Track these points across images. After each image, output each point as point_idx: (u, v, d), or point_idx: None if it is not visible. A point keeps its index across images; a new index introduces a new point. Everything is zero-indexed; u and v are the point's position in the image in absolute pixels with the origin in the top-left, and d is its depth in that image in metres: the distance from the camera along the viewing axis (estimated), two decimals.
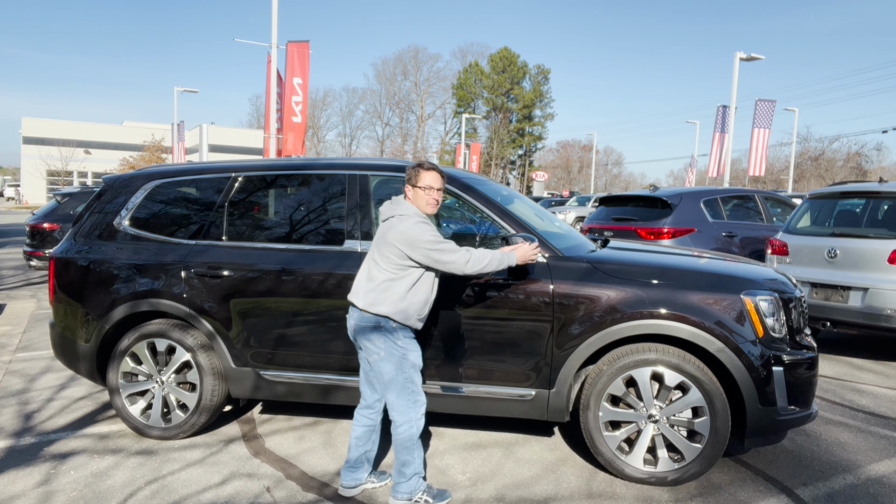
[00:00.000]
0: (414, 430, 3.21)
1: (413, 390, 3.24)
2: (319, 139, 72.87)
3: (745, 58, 21.06)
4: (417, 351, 3.28)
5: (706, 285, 3.56)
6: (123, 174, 4.56)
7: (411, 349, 3.25)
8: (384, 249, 3.18)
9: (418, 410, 3.24)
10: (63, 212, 10.89)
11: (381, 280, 3.18)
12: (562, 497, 3.42)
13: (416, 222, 3.16)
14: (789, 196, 14.43)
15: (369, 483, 3.48)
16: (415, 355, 3.26)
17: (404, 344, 3.22)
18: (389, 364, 3.19)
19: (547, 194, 41.79)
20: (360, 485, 3.43)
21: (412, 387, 3.23)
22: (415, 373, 3.25)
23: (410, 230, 3.13)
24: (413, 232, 3.12)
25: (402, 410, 3.21)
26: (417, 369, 3.26)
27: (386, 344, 3.19)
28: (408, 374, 3.22)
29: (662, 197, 8.29)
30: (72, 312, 4.27)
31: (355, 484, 3.40)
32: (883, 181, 6.77)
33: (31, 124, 53.96)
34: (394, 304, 3.17)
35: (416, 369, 3.26)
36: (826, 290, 6.40)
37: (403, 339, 3.22)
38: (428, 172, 3.27)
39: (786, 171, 47.69)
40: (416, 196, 3.27)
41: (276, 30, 16.38)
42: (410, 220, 3.16)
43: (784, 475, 3.72)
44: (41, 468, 3.70)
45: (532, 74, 72.55)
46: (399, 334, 3.21)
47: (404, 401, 3.22)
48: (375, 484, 3.49)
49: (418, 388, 3.26)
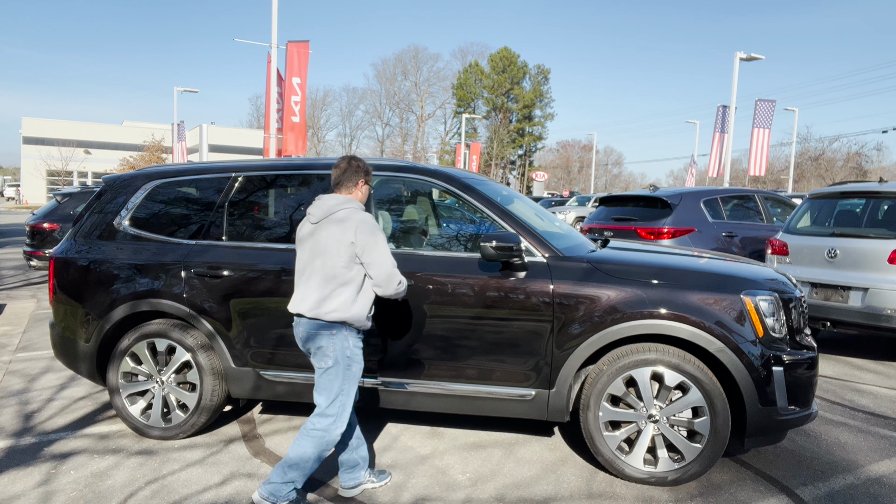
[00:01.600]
0: (326, 441, 3.12)
1: (346, 404, 3.17)
2: (319, 139, 72.88)
3: (745, 58, 21.06)
4: (361, 364, 3.24)
5: (706, 285, 3.56)
6: (123, 174, 4.56)
7: (357, 360, 3.20)
8: (341, 249, 3.08)
9: (338, 428, 3.15)
10: (63, 212, 10.89)
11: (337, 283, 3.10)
12: (562, 497, 3.42)
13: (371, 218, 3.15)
14: (789, 196, 14.43)
15: (369, 483, 3.47)
16: (358, 367, 3.21)
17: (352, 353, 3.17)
18: (336, 371, 3.13)
19: (547, 194, 41.80)
20: (360, 484, 3.42)
21: (345, 399, 3.16)
22: (353, 386, 3.18)
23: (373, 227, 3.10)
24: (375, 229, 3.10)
25: (326, 419, 3.13)
26: (356, 382, 3.20)
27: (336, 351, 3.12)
28: (346, 387, 3.16)
29: (662, 197, 8.30)
30: (72, 312, 4.27)
31: (355, 484, 3.40)
32: (883, 181, 6.77)
33: (31, 124, 53.96)
34: (347, 309, 3.10)
35: (355, 382, 3.19)
36: (826, 290, 6.40)
37: (353, 347, 3.18)
38: None
39: (786, 171, 47.69)
40: (365, 193, 3.29)
41: (276, 30, 16.39)
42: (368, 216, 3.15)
43: (784, 475, 3.72)
44: (41, 468, 3.70)
45: (532, 74, 72.56)
46: (350, 341, 3.16)
47: (333, 412, 3.14)
48: (375, 483, 3.49)
49: (349, 406, 3.18)
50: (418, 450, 4.01)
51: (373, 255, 3.08)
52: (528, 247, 3.74)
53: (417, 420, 4.49)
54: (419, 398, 3.87)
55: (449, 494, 3.44)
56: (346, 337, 3.15)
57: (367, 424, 4.43)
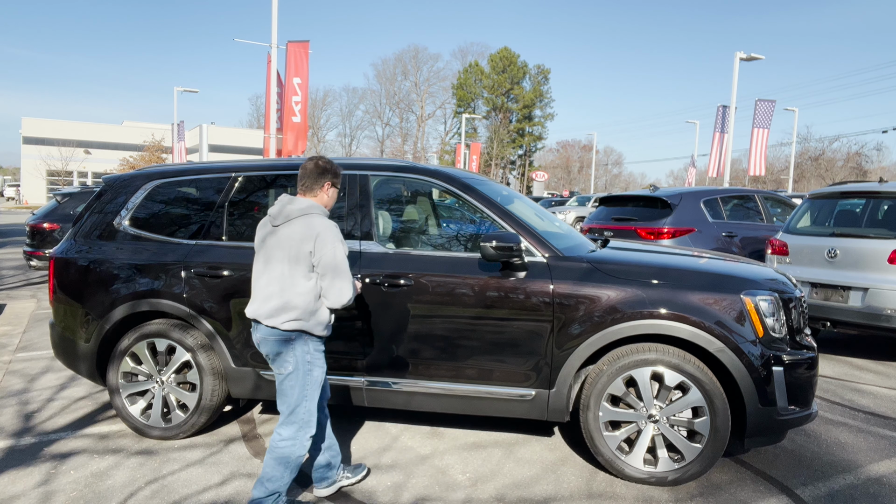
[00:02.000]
0: (296, 449, 3.04)
1: (310, 409, 3.07)
2: (319, 139, 72.88)
3: (745, 58, 21.06)
4: (323, 368, 3.14)
5: (706, 285, 3.56)
6: (123, 174, 4.56)
7: (318, 364, 3.11)
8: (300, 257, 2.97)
9: (307, 433, 3.07)
10: (63, 212, 10.89)
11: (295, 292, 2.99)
12: (562, 497, 3.42)
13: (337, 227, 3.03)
14: (789, 196, 14.43)
15: (344, 479, 3.45)
16: (319, 371, 3.11)
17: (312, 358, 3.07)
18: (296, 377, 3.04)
19: (547, 194, 41.81)
20: (334, 482, 3.40)
21: (309, 404, 3.07)
22: (315, 391, 3.09)
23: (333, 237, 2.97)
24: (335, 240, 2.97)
25: (292, 427, 3.06)
26: (318, 387, 3.11)
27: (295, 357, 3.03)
28: (308, 392, 3.06)
29: (662, 197, 8.30)
30: (72, 312, 4.27)
31: (329, 483, 3.38)
32: (883, 181, 6.77)
33: (31, 124, 53.94)
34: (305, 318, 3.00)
35: (318, 387, 3.10)
36: (826, 290, 6.40)
37: (314, 351, 3.08)
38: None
39: (786, 171, 47.70)
40: (333, 197, 3.17)
41: (276, 30, 16.39)
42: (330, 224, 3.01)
43: (784, 475, 3.72)
44: (41, 468, 3.70)
45: (532, 74, 72.57)
46: (310, 346, 3.06)
47: (297, 419, 3.06)
48: (351, 479, 3.47)
49: (313, 411, 3.09)
50: (418, 450, 4.02)
51: (327, 266, 2.95)
52: (528, 247, 3.74)
53: (417, 420, 4.49)
54: (419, 398, 3.87)
55: (449, 494, 3.44)
56: (306, 342, 3.04)
57: (367, 424, 4.43)
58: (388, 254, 3.89)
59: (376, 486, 3.51)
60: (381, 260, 3.86)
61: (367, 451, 3.99)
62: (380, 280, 3.80)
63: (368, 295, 3.82)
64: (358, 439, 4.17)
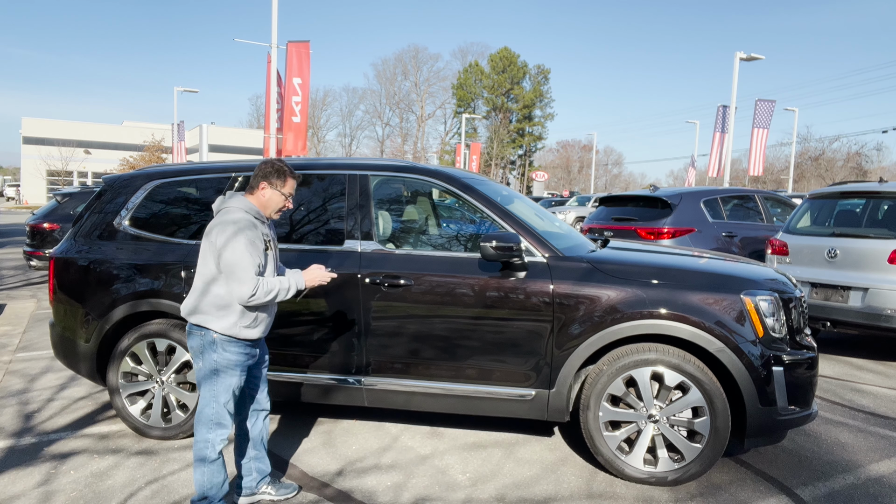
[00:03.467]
0: (211, 446, 2.97)
1: (218, 411, 2.98)
2: (319, 139, 72.89)
3: (745, 58, 21.06)
4: (240, 372, 3.03)
5: (706, 285, 3.56)
6: (123, 174, 4.56)
7: (230, 366, 2.99)
8: (210, 253, 2.94)
9: (221, 432, 2.99)
10: (63, 212, 10.89)
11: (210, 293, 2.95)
12: (562, 497, 3.42)
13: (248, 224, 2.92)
14: (789, 196, 14.43)
15: (265, 495, 3.31)
16: (232, 377, 3.00)
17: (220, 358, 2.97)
18: (206, 376, 2.99)
19: (547, 194, 41.80)
20: (253, 494, 3.29)
21: (216, 406, 2.98)
22: (224, 393, 2.99)
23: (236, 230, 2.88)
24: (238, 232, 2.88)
25: (202, 428, 2.99)
26: (230, 389, 3.00)
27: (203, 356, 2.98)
28: (216, 391, 2.97)
29: (662, 197, 8.30)
30: (72, 312, 4.27)
31: (248, 493, 3.28)
32: (883, 181, 6.77)
33: (31, 124, 53.93)
34: (216, 318, 2.94)
35: (229, 390, 3.00)
36: (826, 290, 6.40)
37: (223, 351, 2.97)
38: (295, 181, 3.11)
39: (786, 171, 47.69)
40: (272, 198, 3.05)
41: (276, 30, 16.39)
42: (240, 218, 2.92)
43: (784, 475, 3.72)
44: (41, 468, 3.70)
45: (532, 74, 72.56)
46: (219, 346, 2.96)
47: (208, 416, 2.98)
48: (273, 496, 3.32)
49: (224, 411, 2.99)
50: (418, 450, 4.02)
51: (228, 260, 2.87)
52: (528, 247, 3.74)
53: (417, 420, 4.49)
54: (419, 398, 3.87)
55: (449, 494, 3.44)
56: (214, 341, 2.96)
57: (367, 424, 4.43)
58: (388, 254, 3.89)
59: (376, 486, 3.51)
60: (381, 260, 3.86)
61: (367, 451, 3.99)
62: (380, 280, 3.80)
63: (368, 295, 3.82)
64: (358, 439, 4.17)
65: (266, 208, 3.06)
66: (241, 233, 2.87)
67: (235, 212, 2.96)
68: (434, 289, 3.76)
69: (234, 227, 2.89)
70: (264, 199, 3.05)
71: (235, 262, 2.86)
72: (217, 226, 2.93)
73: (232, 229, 2.88)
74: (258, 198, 3.05)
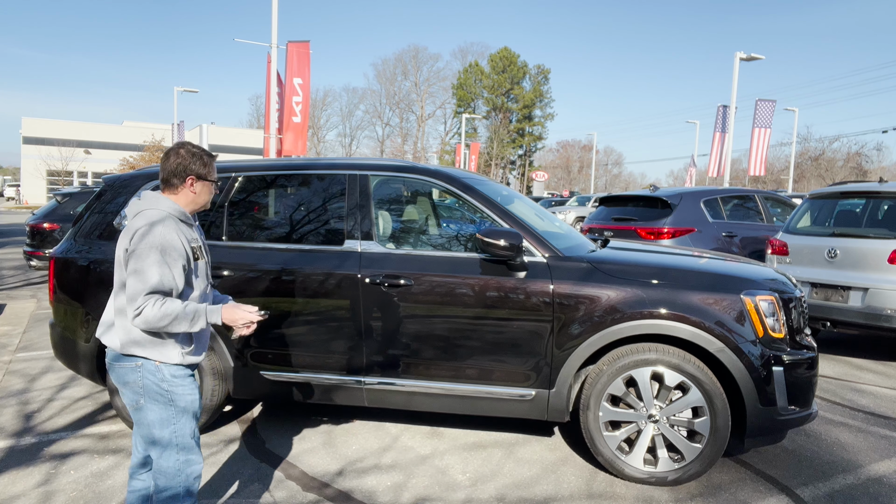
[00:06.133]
0: (184, 486, 2.48)
1: (184, 446, 2.47)
2: (319, 139, 72.89)
3: (745, 58, 21.06)
4: (190, 394, 2.48)
5: (706, 285, 3.56)
6: (123, 174, 4.56)
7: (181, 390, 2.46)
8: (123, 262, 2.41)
9: (190, 471, 2.49)
10: (63, 212, 10.89)
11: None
12: (562, 497, 3.42)
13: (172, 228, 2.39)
14: (789, 196, 14.44)
15: None
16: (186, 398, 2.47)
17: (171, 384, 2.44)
18: (153, 412, 2.44)
19: (547, 194, 41.81)
20: None
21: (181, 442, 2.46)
22: (187, 423, 2.48)
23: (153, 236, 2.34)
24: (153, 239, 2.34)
25: (169, 474, 2.46)
26: (191, 416, 2.49)
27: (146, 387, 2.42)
28: (176, 427, 2.45)
29: (662, 197, 8.30)
30: (72, 312, 4.27)
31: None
32: (883, 181, 6.77)
33: (31, 124, 53.90)
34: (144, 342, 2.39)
35: (190, 416, 2.49)
36: (826, 290, 6.40)
37: (171, 377, 2.44)
38: (214, 160, 2.56)
39: (786, 171, 47.70)
40: (203, 191, 2.53)
41: (276, 30, 16.39)
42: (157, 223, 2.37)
43: (784, 475, 3.72)
44: (41, 468, 3.70)
45: (532, 74, 72.57)
46: (166, 371, 2.43)
47: (171, 462, 2.46)
48: None
49: (190, 445, 2.49)
50: (418, 450, 4.02)
51: (136, 266, 2.32)
52: (528, 247, 3.74)
53: (417, 420, 4.49)
54: (419, 398, 3.87)
55: (449, 494, 3.44)
56: (159, 369, 2.42)
57: (367, 424, 4.43)
58: (388, 254, 3.89)
59: (376, 486, 3.51)
60: (381, 260, 3.86)
61: (367, 451, 3.99)
62: (380, 280, 3.80)
63: (368, 295, 3.82)
64: (358, 439, 4.17)
65: (196, 204, 2.53)
66: (156, 240, 2.34)
67: (152, 211, 2.42)
68: (434, 289, 3.76)
69: (152, 234, 2.36)
70: (193, 196, 2.51)
71: (145, 273, 2.33)
72: (130, 229, 2.40)
73: (149, 235, 2.35)
74: (182, 196, 2.49)
